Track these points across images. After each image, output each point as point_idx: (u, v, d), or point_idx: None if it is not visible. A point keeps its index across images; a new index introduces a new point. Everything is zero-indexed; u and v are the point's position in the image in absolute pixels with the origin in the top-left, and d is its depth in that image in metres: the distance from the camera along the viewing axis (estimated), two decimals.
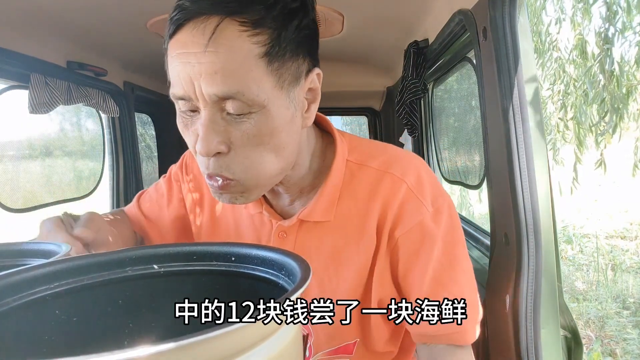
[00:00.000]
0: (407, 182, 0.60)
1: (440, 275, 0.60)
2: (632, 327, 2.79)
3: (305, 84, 0.54)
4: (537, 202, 0.78)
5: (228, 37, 0.46)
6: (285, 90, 0.50)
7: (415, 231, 0.60)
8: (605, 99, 2.57)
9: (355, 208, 0.61)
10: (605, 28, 2.49)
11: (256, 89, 0.47)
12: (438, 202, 0.61)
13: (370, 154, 0.63)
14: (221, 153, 0.50)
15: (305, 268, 0.31)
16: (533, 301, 0.78)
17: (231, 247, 0.38)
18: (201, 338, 0.21)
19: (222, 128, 0.49)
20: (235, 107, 0.47)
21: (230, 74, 0.46)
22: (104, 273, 0.37)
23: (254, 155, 0.51)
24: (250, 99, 0.47)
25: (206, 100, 0.47)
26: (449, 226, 0.61)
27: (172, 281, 0.38)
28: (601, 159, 2.77)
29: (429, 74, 1.50)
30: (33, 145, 1.47)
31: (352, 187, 0.62)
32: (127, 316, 0.38)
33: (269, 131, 0.50)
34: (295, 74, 0.51)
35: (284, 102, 0.50)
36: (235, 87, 0.46)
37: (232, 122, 0.49)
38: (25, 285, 0.34)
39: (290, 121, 0.52)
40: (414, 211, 0.59)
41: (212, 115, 0.48)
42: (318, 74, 0.55)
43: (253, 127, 0.49)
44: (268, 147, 0.51)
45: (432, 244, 0.60)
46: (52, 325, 0.35)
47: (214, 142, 0.48)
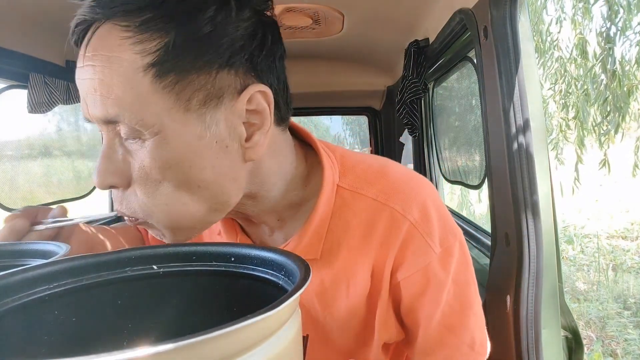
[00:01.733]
0: (410, 218, 0.50)
1: (450, 321, 0.54)
2: (633, 327, 2.79)
3: (237, 106, 0.42)
4: (538, 202, 0.78)
5: (107, 47, 0.38)
6: (195, 113, 0.40)
7: (419, 275, 0.52)
8: (607, 98, 2.57)
9: (347, 244, 0.52)
10: (606, 27, 2.49)
11: (142, 111, 0.38)
12: (448, 242, 0.52)
13: (366, 179, 0.53)
14: (117, 187, 0.42)
15: (305, 268, 0.31)
16: (534, 301, 0.78)
17: (231, 248, 0.38)
18: (201, 338, 0.21)
19: (120, 157, 0.41)
20: (125, 131, 0.40)
21: (108, 93, 0.38)
22: (104, 273, 0.37)
23: (156, 193, 0.41)
24: (136, 122, 0.39)
25: (99, 124, 0.41)
26: (460, 267, 0.54)
27: (171, 281, 0.38)
28: (605, 158, 2.77)
29: (429, 73, 1.50)
30: (32, 145, 1.47)
31: (344, 220, 0.52)
32: (127, 316, 0.37)
33: (170, 164, 0.40)
34: (209, 92, 0.40)
35: (192, 128, 0.40)
36: (114, 109, 0.38)
37: (131, 151, 0.41)
38: (25, 285, 0.33)
39: (213, 153, 0.42)
40: (418, 253, 0.51)
41: (109, 141, 0.41)
42: (261, 91, 0.43)
43: (150, 157, 0.40)
44: (176, 185, 0.41)
45: (440, 288, 0.53)
46: (51, 326, 0.34)
47: (107, 173, 0.41)
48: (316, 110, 2.36)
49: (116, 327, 0.37)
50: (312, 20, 1.38)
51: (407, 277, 0.52)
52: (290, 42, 1.64)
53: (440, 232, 0.52)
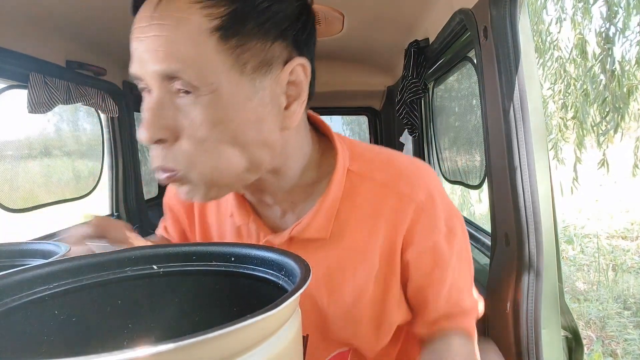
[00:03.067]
0: (416, 200, 0.54)
1: (456, 297, 0.60)
2: (633, 327, 2.79)
3: (282, 75, 0.47)
4: (537, 202, 0.78)
5: (176, 8, 0.41)
6: (248, 77, 0.44)
7: (428, 254, 0.56)
8: (606, 98, 2.57)
9: (356, 226, 0.55)
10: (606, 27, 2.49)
11: (204, 69, 0.42)
12: (452, 221, 0.57)
13: (375, 164, 0.57)
14: (165, 141, 0.44)
15: (305, 268, 0.31)
16: (534, 301, 0.78)
17: (231, 248, 0.38)
18: (201, 338, 0.21)
19: (170, 113, 0.44)
20: (182, 86, 0.43)
21: (175, 50, 0.41)
22: (104, 273, 0.37)
23: (204, 148, 0.44)
24: (196, 78, 0.42)
25: (153, 79, 0.43)
26: (463, 246, 0.59)
27: (171, 281, 0.38)
28: (604, 158, 2.77)
29: (429, 73, 1.50)
30: (32, 145, 1.47)
31: (353, 202, 0.55)
32: (127, 316, 0.37)
33: (222, 121, 0.44)
34: (263, 59, 0.45)
35: (244, 89, 0.44)
36: (178, 64, 0.41)
37: (183, 107, 0.44)
38: (25, 285, 0.33)
39: (258, 116, 0.46)
40: (425, 233, 0.55)
41: (160, 97, 0.43)
42: (302, 65, 0.48)
43: (202, 114, 0.43)
44: (222, 141, 0.45)
45: (446, 266, 0.57)
46: (51, 325, 0.34)
47: (156, 127, 0.43)
48: (316, 110, 2.34)
49: (116, 327, 0.37)
50: None
51: (416, 256, 0.56)
52: None
53: (445, 213, 0.56)
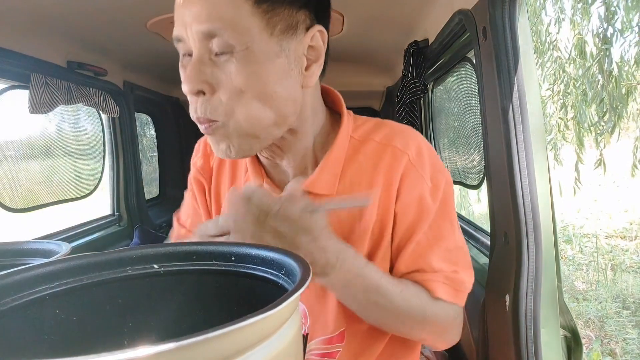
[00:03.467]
0: (408, 153, 0.60)
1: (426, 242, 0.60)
2: (631, 326, 2.79)
3: (304, 39, 0.53)
4: (537, 202, 0.78)
5: None
6: (276, 38, 0.51)
7: (413, 206, 0.60)
8: (604, 98, 2.57)
9: (359, 182, 0.61)
10: (604, 28, 2.49)
11: (240, 28, 0.48)
12: (437, 178, 0.61)
13: (373, 129, 0.64)
14: (205, 94, 0.51)
15: (305, 268, 0.31)
16: (533, 301, 0.78)
17: (231, 247, 0.38)
18: (201, 338, 0.21)
19: (209, 69, 0.50)
20: (219, 45, 0.49)
21: (216, 12, 0.48)
22: (104, 273, 0.37)
23: (239, 99, 0.51)
24: (232, 37, 0.48)
25: (194, 39, 0.49)
26: (443, 202, 0.61)
27: (172, 281, 0.38)
28: (601, 158, 2.77)
29: (428, 73, 1.50)
30: (33, 145, 1.47)
31: (355, 162, 0.62)
32: (127, 316, 0.38)
33: (254, 75, 0.50)
34: (290, 23, 0.51)
35: (273, 48, 0.51)
36: (217, 23, 0.48)
37: (219, 64, 0.50)
38: (25, 285, 0.34)
39: (284, 73, 0.52)
40: (413, 185, 0.59)
41: (200, 55, 0.50)
42: (321, 31, 0.55)
43: (237, 68, 0.49)
44: (255, 93, 0.51)
45: (426, 220, 0.60)
46: (51, 325, 0.35)
47: (197, 80, 0.49)
48: None
49: (117, 326, 0.37)
50: None
51: (403, 207, 0.60)
52: None
53: (431, 169, 0.61)
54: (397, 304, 0.57)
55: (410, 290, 0.59)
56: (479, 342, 0.99)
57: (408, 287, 0.59)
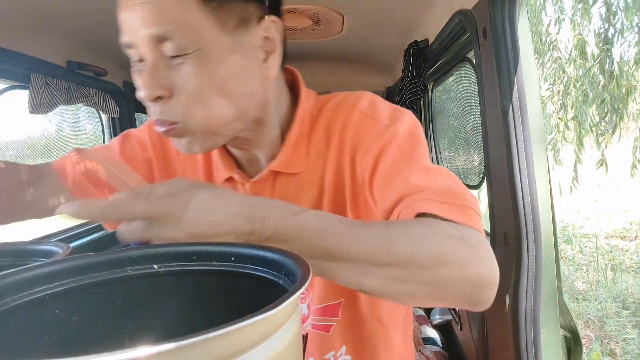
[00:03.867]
0: (359, 107, 0.59)
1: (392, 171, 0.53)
2: (631, 326, 2.79)
3: (258, 32, 0.52)
4: (536, 202, 0.78)
5: None
6: (229, 34, 0.50)
7: (372, 147, 0.55)
8: (605, 99, 2.57)
9: (322, 152, 0.60)
10: (604, 28, 2.49)
11: (190, 29, 0.47)
12: (396, 115, 0.57)
13: (328, 100, 0.63)
14: (163, 98, 0.50)
15: (305, 268, 0.31)
16: (533, 301, 0.78)
17: (231, 247, 0.38)
18: (201, 338, 0.21)
19: (164, 73, 0.49)
20: (171, 48, 0.48)
21: (162, 13, 0.46)
22: (104, 273, 0.37)
23: (197, 98, 0.50)
24: (184, 38, 0.47)
25: (145, 44, 0.48)
26: (409, 132, 0.55)
27: (171, 281, 0.38)
28: (602, 158, 2.77)
29: (428, 74, 1.51)
30: (33, 145, 1.47)
31: (317, 136, 0.61)
32: (127, 316, 0.38)
33: (210, 75, 0.49)
34: (241, 17, 0.50)
35: (227, 45, 0.50)
36: (167, 26, 0.46)
37: (173, 66, 0.49)
38: (25, 285, 0.34)
39: (241, 68, 0.52)
40: (369, 130, 0.57)
41: (153, 60, 0.49)
42: (274, 21, 0.54)
43: (192, 69, 0.49)
44: (212, 91, 0.50)
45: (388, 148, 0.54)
46: (51, 325, 0.35)
47: (154, 86, 0.49)
48: None
49: (116, 326, 0.37)
50: (312, 21, 1.38)
51: (363, 154, 0.56)
52: (290, 43, 1.64)
53: (388, 111, 0.58)
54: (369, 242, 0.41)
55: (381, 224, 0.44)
56: (478, 342, 0.99)
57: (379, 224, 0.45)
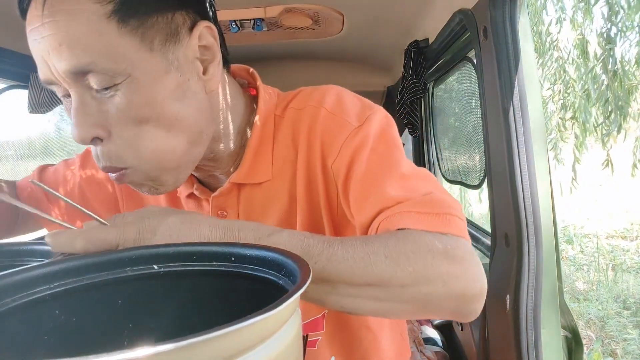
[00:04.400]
0: (325, 107, 0.53)
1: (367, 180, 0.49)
2: (632, 327, 2.79)
3: (191, 42, 0.47)
4: (537, 202, 0.78)
5: (66, 1, 0.40)
6: (159, 52, 0.44)
7: (343, 152, 0.51)
8: (609, 98, 2.57)
9: (289, 159, 0.55)
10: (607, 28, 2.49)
11: (113, 55, 0.41)
12: (365, 114, 0.53)
13: (291, 99, 0.57)
14: (100, 139, 0.44)
15: (305, 268, 0.31)
16: (533, 301, 0.78)
17: (231, 248, 0.38)
18: (201, 339, 0.21)
19: (95, 109, 0.43)
20: (97, 81, 0.41)
21: (77, 44, 0.40)
22: (104, 273, 0.37)
23: (140, 135, 0.44)
24: (108, 68, 0.41)
25: (66, 79, 0.42)
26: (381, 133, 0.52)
27: (171, 281, 0.38)
28: (608, 159, 2.77)
29: (429, 73, 1.50)
30: (33, 144, 1.47)
31: (282, 139, 0.56)
32: (127, 316, 0.38)
33: (147, 101, 0.43)
34: (168, 31, 0.45)
35: (159, 65, 0.44)
36: (85, 58, 0.40)
37: (104, 100, 0.43)
38: (25, 285, 0.33)
39: (179, 87, 0.46)
40: (338, 131, 0.52)
41: (80, 96, 0.43)
42: (208, 27, 0.48)
43: (124, 101, 0.42)
44: (154, 121, 0.44)
45: (360, 154, 0.51)
46: (51, 326, 0.35)
47: (86, 126, 0.42)
48: None
49: (116, 327, 0.37)
50: (312, 20, 1.38)
51: (335, 159, 0.52)
52: (290, 43, 1.64)
53: (357, 109, 0.54)
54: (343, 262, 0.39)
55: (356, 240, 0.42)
56: (479, 342, 0.98)
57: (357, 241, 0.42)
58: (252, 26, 1.35)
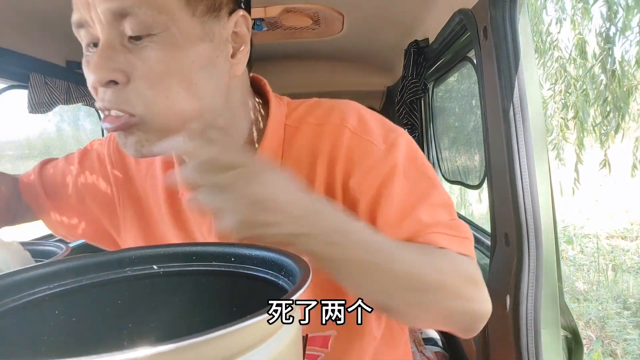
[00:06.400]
0: (348, 126, 0.53)
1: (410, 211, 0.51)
2: (632, 327, 2.79)
3: (228, 24, 0.48)
4: (537, 202, 0.78)
5: None
6: (199, 19, 0.45)
7: (371, 175, 0.51)
8: (607, 98, 2.57)
9: (299, 170, 0.54)
10: (606, 28, 2.49)
11: (157, 5, 0.42)
12: (390, 138, 0.53)
13: (306, 111, 0.57)
14: (117, 83, 0.43)
15: (305, 268, 0.31)
16: (533, 301, 0.78)
17: (231, 248, 0.38)
18: (201, 339, 0.21)
19: (121, 55, 0.43)
20: (134, 25, 0.42)
21: None
22: (104, 273, 0.37)
23: (158, 87, 0.44)
24: (149, 15, 0.41)
25: (102, 21, 0.42)
26: (408, 159, 0.53)
27: (171, 281, 0.38)
28: (605, 159, 2.77)
29: (429, 73, 1.50)
30: (32, 144, 1.47)
31: (293, 151, 0.55)
32: (127, 317, 0.37)
33: (175, 59, 0.44)
34: (212, 4, 0.46)
35: (196, 31, 0.45)
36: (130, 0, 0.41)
37: (134, 49, 0.43)
38: (25, 285, 0.33)
39: (209, 59, 0.47)
40: (364, 155, 0.52)
41: (109, 40, 0.43)
42: (244, 16, 0.50)
43: (156, 52, 0.43)
44: (176, 80, 0.45)
45: (392, 180, 0.51)
46: (51, 326, 0.34)
47: (107, 68, 0.42)
48: None
49: (116, 327, 0.37)
50: (312, 20, 1.38)
51: (360, 181, 0.52)
52: (290, 43, 1.64)
53: (380, 131, 0.54)
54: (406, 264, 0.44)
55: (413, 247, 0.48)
56: (479, 343, 0.98)
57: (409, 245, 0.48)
58: (252, 26, 1.35)
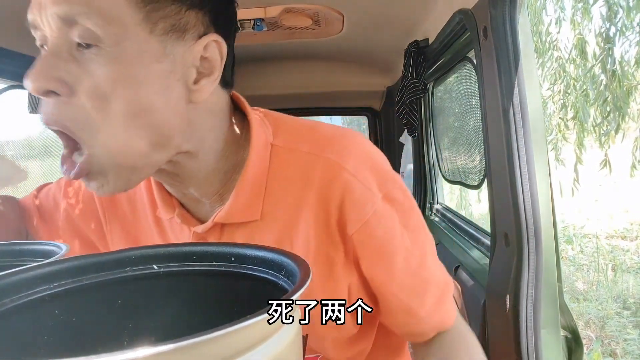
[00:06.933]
0: (347, 168, 0.49)
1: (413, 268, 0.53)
2: (632, 327, 2.79)
3: (194, 47, 0.44)
4: (537, 202, 0.78)
5: None
6: (158, 38, 0.41)
7: (370, 224, 0.50)
8: (607, 98, 2.57)
9: (285, 200, 0.51)
10: (606, 28, 2.49)
11: (109, 15, 0.39)
12: (387, 187, 0.51)
13: (299, 134, 0.53)
14: (58, 95, 0.40)
15: (305, 268, 0.31)
16: (533, 301, 0.78)
17: (231, 248, 0.38)
18: (201, 339, 0.21)
19: (66, 64, 0.39)
20: (81, 34, 0.39)
21: None
22: (103, 273, 0.37)
23: (105, 109, 0.40)
24: (100, 25, 0.38)
25: (50, 25, 0.39)
26: (407, 209, 0.53)
27: (171, 282, 0.38)
28: (606, 159, 2.77)
29: (429, 73, 1.50)
30: (32, 144, 1.47)
31: (281, 176, 0.51)
32: (127, 317, 0.38)
33: (125, 78, 0.40)
34: (175, 23, 0.42)
35: (152, 50, 0.41)
36: (79, 6, 0.38)
37: (81, 60, 0.40)
38: (25, 285, 0.33)
39: (164, 81, 0.42)
40: (362, 202, 0.49)
41: (56, 46, 0.40)
42: (217, 41, 0.45)
43: (103, 66, 0.39)
44: (125, 103, 0.40)
45: (392, 234, 0.51)
46: (51, 326, 0.34)
47: (47, 76, 0.39)
48: (316, 110, 2.36)
49: (116, 327, 0.37)
50: (312, 20, 1.38)
51: (359, 228, 0.50)
52: (290, 43, 1.64)
53: (378, 178, 0.51)
54: None
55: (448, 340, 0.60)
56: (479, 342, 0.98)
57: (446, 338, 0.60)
58: (252, 26, 1.35)
